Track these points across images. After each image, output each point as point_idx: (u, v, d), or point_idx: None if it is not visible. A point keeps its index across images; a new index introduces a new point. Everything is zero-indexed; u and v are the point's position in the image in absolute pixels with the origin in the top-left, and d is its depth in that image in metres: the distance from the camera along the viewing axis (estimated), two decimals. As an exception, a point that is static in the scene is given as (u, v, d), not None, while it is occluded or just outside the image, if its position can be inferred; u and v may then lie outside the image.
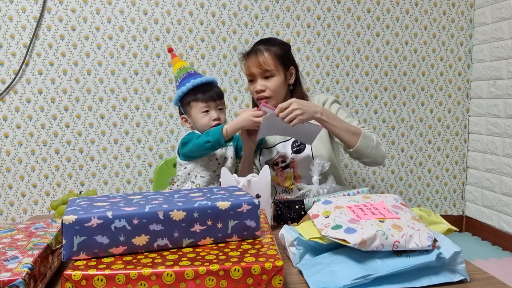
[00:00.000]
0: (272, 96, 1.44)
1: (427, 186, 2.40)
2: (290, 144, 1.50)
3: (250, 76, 1.46)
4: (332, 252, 0.80)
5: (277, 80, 1.43)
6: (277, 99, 1.45)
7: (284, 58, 1.46)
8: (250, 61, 1.44)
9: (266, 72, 1.42)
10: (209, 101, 1.48)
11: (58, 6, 2.00)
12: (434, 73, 2.33)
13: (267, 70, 1.41)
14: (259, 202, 0.79)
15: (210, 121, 1.51)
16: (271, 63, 1.42)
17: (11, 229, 0.86)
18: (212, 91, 1.49)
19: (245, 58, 1.48)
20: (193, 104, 1.50)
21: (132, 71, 2.08)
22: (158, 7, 2.07)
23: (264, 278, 0.66)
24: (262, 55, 1.42)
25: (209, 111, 1.49)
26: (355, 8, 2.22)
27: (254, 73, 1.43)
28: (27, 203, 2.08)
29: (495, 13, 2.18)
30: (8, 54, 1.98)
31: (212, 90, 1.49)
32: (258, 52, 1.43)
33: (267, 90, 1.43)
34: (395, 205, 0.88)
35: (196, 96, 1.49)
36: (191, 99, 1.51)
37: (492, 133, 2.22)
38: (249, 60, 1.44)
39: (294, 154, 1.48)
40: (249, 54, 1.45)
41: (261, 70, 1.42)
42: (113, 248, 0.71)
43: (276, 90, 1.44)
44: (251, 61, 1.43)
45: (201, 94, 1.48)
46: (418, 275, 0.75)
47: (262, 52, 1.43)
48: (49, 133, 2.05)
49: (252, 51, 1.45)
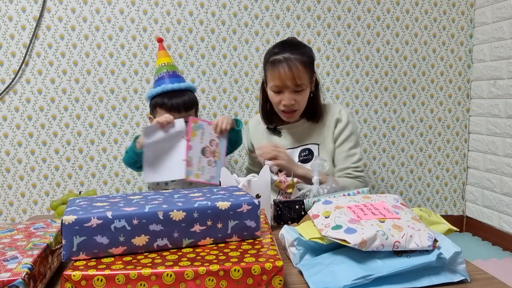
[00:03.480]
0: (298, 109, 1.41)
1: (427, 186, 2.40)
2: (298, 152, 1.48)
3: (278, 88, 1.37)
4: (332, 253, 0.80)
5: (306, 93, 1.39)
6: (301, 110, 1.43)
7: (311, 67, 1.40)
8: (283, 73, 1.33)
9: (298, 86, 1.35)
10: (173, 111, 1.44)
11: (57, 6, 1.99)
12: (434, 73, 2.33)
13: (300, 84, 1.35)
14: (259, 202, 0.79)
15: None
16: (304, 76, 1.35)
17: (11, 229, 0.86)
18: (180, 101, 1.44)
19: (274, 65, 1.36)
20: (158, 109, 1.49)
21: (132, 71, 2.08)
22: (158, 7, 2.07)
23: (264, 278, 0.66)
24: (296, 67, 1.33)
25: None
26: (355, 8, 2.22)
27: (288, 85, 1.35)
28: (26, 203, 2.08)
29: (495, 13, 2.18)
30: (8, 54, 1.98)
31: (180, 100, 1.44)
32: (291, 63, 1.33)
33: (295, 103, 1.38)
34: (395, 205, 0.88)
35: (163, 101, 1.46)
36: (157, 103, 1.48)
37: (492, 133, 2.22)
38: (281, 70, 1.34)
39: (300, 162, 1.46)
40: (280, 62, 1.34)
41: (294, 85, 1.34)
42: (113, 248, 0.71)
43: (304, 103, 1.41)
44: (284, 73, 1.33)
45: (167, 101, 1.45)
46: (418, 276, 0.74)
47: (295, 63, 1.33)
48: (49, 133, 2.05)
49: (283, 60, 1.34)
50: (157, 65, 1.57)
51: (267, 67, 1.39)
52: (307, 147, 1.48)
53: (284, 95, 1.37)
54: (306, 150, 1.47)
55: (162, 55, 1.57)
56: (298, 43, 1.42)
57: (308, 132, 1.49)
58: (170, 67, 1.54)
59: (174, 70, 1.56)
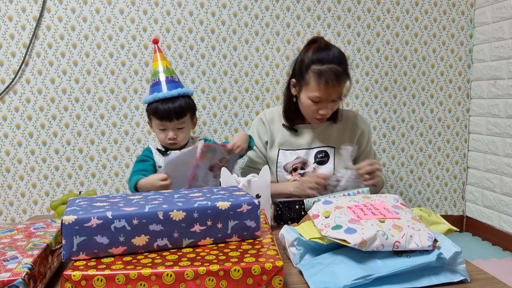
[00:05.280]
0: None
1: (427, 186, 2.40)
2: (314, 153, 1.46)
3: (321, 99, 1.33)
4: (332, 253, 0.80)
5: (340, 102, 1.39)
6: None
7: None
8: (331, 86, 1.29)
9: (339, 97, 1.34)
10: (164, 121, 1.44)
11: (57, 6, 1.99)
12: (434, 73, 2.33)
13: (341, 95, 1.34)
14: (259, 202, 0.79)
15: (165, 138, 1.49)
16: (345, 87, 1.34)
17: (11, 229, 0.86)
18: (171, 110, 1.42)
19: (321, 77, 1.30)
20: (152, 118, 1.48)
21: (132, 71, 2.08)
22: (158, 7, 2.07)
23: (264, 278, 0.66)
24: (344, 80, 1.31)
25: (166, 129, 1.46)
26: (355, 8, 2.22)
27: (332, 98, 1.33)
28: (26, 203, 2.07)
29: (495, 13, 2.18)
30: (8, 54, 1.98)
31: (172, 108, 1.42)
32: (340, 76, 1.30)
33: (331, 111, 1.37)
34: (395, 205, 0.88)
35: (155, 110, 1.44)
36: (151, 112, 1.47)
37: (492, 133, 2.22)
38: (329, 83, 1.29)
39: (316, 164, 1.45)
40: (328, 75, 1.29)
41: (338, 97, 1.34)
42: (113, 248, 0.71)
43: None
44: (332, 87, 1.30)
45: (159, 110, 1.43)
46: (418, 275, 0.74)
47: (343, 76, 1.31)
48: (49, 133, 2.05)
49: (332, 74, 1.29)
50: (152, 69, 1.54)
51: (310, 75, 1.33)
52: (324, 149, 1.47)
53: (323, 104, 1.34)
54: (323, 152, 1.46)
55: (157, 58, 1.55)
56: (339, 51, 1.36)
57: (326, 134, 1.48)
58: (166, 72, 1.51)
59: (168, 75, 1.52)
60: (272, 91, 2.20)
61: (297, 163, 1.47)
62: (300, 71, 1.37)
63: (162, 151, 1.54)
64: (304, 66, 1.36)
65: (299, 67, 1.39)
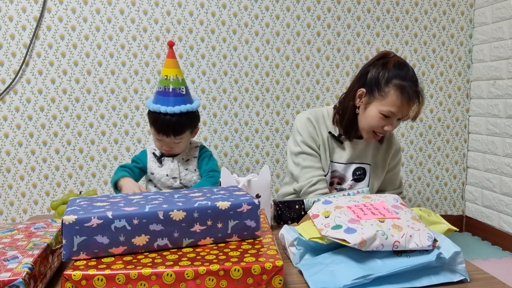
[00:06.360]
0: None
1: (427, 186, 2.40)
2: (352, 169, 1.42)
3: (392, 114, 1.30)
4: (332, 252, 0.80)
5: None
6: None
7: None
8: (408, 105, 1.28)
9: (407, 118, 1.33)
10: (161, 135, 1.42)
11: (58, 6, 2.00)
12: (434, 73, 2.33)
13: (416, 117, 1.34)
14: (259, 202, 0.79)
15: (161, 148, 1.49)
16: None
17: (11, 229, 0.86)
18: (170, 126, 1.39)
19: (401, 93, 1.27)
20: (151, 126, 1.47)
21: (132, 71, 2.08)
22: (158, 7, 2.07)
23: (264, 278, 0.66)
24: (420, 101, 1.30)
25: (163, 140, 1.45)
26: (355, 8, 2.22)
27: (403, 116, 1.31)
28: (27, 203, 2.08)
29: (495, 13, 2.19)
30: (8, 54, 1.98)
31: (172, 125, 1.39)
32: (419, 96, 1.29)
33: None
34: (395, 205, 0.88)
35: (155, 122, 1.42)
36: (150, 120, 1.45)
37: (492, 133, 2.22)
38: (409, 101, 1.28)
39: (353, 181, 1.43)
40: (410, 93, 1.27)
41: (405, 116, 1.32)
42: (113, 248, 0.71)
43: None
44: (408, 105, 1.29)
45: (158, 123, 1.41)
46: (418, 275, 0.75)
47: (420, 98, 1.29)
48: (49, 133, 2.05)
49: (414, 93, 1.27)
50: (162, 74, 1.44)
51: (390, 89, 1.28)
52: (362, 166, 1.43)
53: (391, 120, 1.31)
54: (361, 170, 1.43)
55: (169, 65, 1.44)
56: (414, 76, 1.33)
57: (365, 151, 1.44)
58: (174, 83, 1.43)
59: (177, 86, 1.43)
60: (272, 91, 2.20)
61: (333, 177, 1.43)
62: (377, 82, 1.31)
63: (157, 157, 1.53)
64: (384, 78, 1.30)
65: (375, 78, 1.32)
